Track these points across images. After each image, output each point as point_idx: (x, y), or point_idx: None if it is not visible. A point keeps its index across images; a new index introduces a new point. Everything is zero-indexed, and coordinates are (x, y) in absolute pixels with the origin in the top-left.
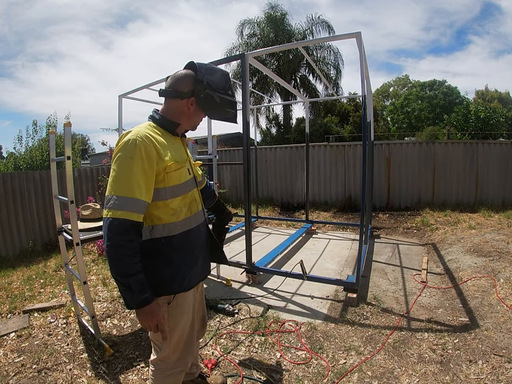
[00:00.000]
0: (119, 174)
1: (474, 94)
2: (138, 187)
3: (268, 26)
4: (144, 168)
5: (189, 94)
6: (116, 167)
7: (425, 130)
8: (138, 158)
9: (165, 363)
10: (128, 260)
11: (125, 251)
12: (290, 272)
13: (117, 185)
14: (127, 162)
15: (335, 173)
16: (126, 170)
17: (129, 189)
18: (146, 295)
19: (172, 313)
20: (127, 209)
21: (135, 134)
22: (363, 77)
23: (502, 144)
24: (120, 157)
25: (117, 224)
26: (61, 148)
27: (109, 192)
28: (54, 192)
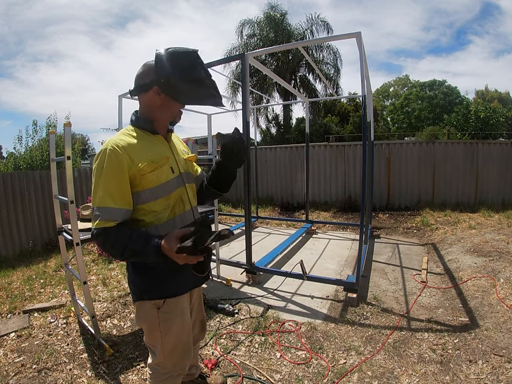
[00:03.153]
0: (95, 185)
1: (474, 94)
2: (111, 196)
3: (268, 26)
4: (115, 175)
5: (151, 84)
6: (93, 179)
7: (425, 130)
8: (108, 166)
9: (162, 367)
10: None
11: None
12: (290, 272)
13: (94, 196)
14: (100, 173)
15: (335, 173)
16: (100, 181)
17: (103, 199)
18: (152, 242)
19: (163, 318)
20: (103, 219)
21: (107, 143)
22: (363, 77)
23: (502, 144)
24: (95, 169)
25: (99, 233)
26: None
27: (92, 203)
28: (54, 192)
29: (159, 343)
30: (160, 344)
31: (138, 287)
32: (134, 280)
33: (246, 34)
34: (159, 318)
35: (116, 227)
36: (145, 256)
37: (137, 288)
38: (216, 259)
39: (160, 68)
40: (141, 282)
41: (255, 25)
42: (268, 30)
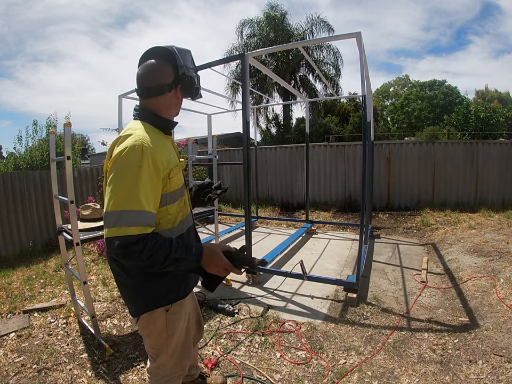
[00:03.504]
0: (124, 185)
1: (474, 94)
2: (148, 198)
3: (268, 26)
4: (151, 176)
5: (175, 83)
6: (119, 177)
7: (425, 130)
8: (145, 166)
9: (162, 370)
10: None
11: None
12: (290, 272)
13: (125, 198)
14: (134, 172)
15: (335, 173)
16: (133, 181)
17: (138, 201)
18: (194, 249)
19: (171, 320)
20: (141, 224)
21: (140, 139)
22: (363, 77)
23: (502, 144)
24: (125, 165)
25: (138, 239)
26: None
27: (113, 207)
28: (54, 192)
29: (165, 345)
30: (166, 346)
31: (152, 295)
32: (144, 289)
33: (246, 34)
34: (167, 320)
35: (152, 233)
36: (185, 265)
37: (150, 297)
38: None
39: (181, 68)
40: (157, 288)
41: (255, 25)
42: (267, 30)
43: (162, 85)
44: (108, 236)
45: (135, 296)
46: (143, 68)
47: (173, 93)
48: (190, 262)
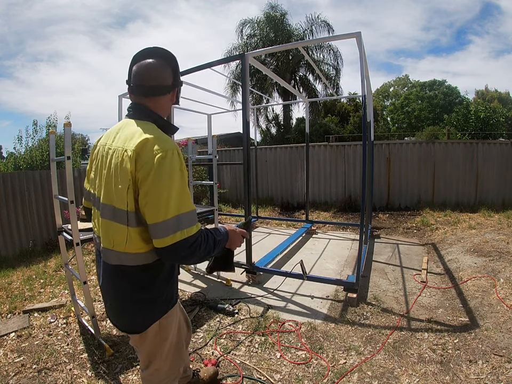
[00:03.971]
0: (175, 190)
1: (474, 94)
2: (191, 198)
3: (268, 26)
4: (186, 178)
5: (174, 85)
6: (168, 184)
7: (425, 130)
8: (183, 169)
9: (157, 375)
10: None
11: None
12: (290, 272)
13: (179, 202)
14: (179, 176)
15: (335, 173)
16: (181, 184)
17: (189, 202)
18: (222, 230)
19: (164, 324)
20: (196, 222)
21: (171, 142)
22: (363, 77)
23: (502, 144)
24: (171, 170)
25: (198, 235)
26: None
27: (170, 213)
28: (54, 192)
29: (158, 350)
30: (160, 351)
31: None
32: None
33: (246, 34)
34: (160, 325)
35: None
36: (222, 244)
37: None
38: None
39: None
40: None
41: (255, 25)
42: (267, 30)
43: (165, 86)
44: (172, 243)
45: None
46: (146, 65)
47: (171, 95)
48: (225, 240)
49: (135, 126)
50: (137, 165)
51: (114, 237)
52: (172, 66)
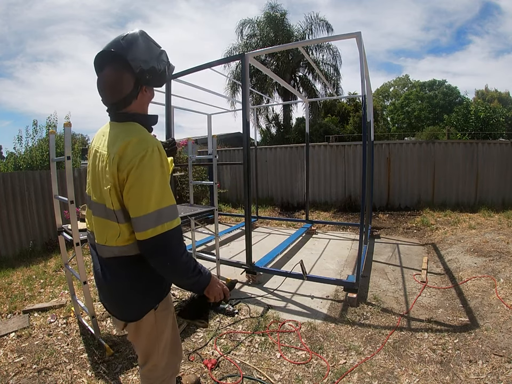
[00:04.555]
0: (156, 186)
1: (474, 94)
2: (172, 193)
3: (268, 26)
4: (168, 174)
5: (137, 87)
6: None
7: (425, 130)
8: (165, 165)
9: (155, 371)
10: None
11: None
12: (290, 272)
13: (159, 197)
14: (160, 172)
15: (335, 173)
16: (161, 180)
17: (170, 196)
18: (206, 269)
19: (159, 317)
20: (177, 216)
21: (153, 141)
22: (363, 77)
23: (502, 144)
24: (151, 167)
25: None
26: (61, 148)
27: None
28: (54, 192)
29: (155, 345)
30: (156, 346)
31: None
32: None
33: (246, 34)
34: (156, 319)
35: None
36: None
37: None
38: (216, 259)
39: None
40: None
41: (255, 25)
42: (268, 30)
43: (130, 94)
44: (152, 236)
45: (137, 298)
46: (103, 83)
47: (140, 94)
48: (204, 280)
49: (117, 129)
50: (120, 167)
51: (108, 234)
52: (126, 68)
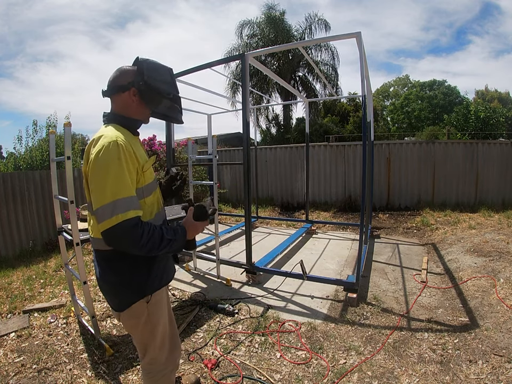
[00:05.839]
0: (111, 177)
1: (474, 94)
2: (131, 185)
3: (268, 26)
4: (129, 167)
5: (129, 85)
6: (104, 173)
7: (425, 130)
8: (123, 158)
9: (155, 365)
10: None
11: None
12: (290, 272)
13: (115, 189)
14: (116, 164)
15: (335, 173)
16: (117, 172)
17: (127, 189)
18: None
19: (152, 310)
20: (133, 208)
21: (113, 136)
22: (363, 77)
23: (502, 144)
24: (106, 160)
25: (135, 223)
26: (61, 148)
27: (107, 199)
28: (54, 192)
29: (151, 337)
30: (152, 338)
31: (135, 287)
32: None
33: (246, 34)
34: (148, 311)
35: (144, 221)
36: (176, 245)
37: (132, 287)
38: (216, 259)
39: (141, 73)
40: (139, 279)
41: (255, 25)
42: (267, 31)
43: (120, 85)
44: (109, 227)
45: (119, 290)
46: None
47: (126, 94)
48: (180, 241)
49: (98, 132)
50: (87, 163)
51: (91, 226)
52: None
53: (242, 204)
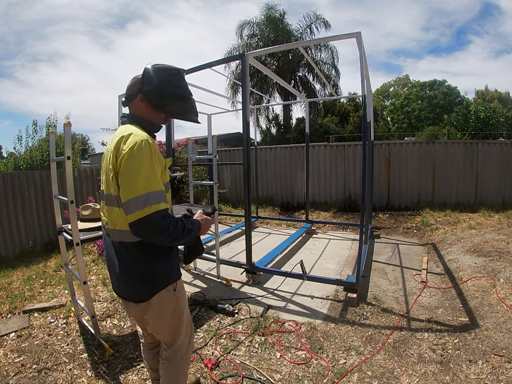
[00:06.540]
0: (145, 172)
1: (474, 94)
2: (160, 181)
3: (268, 26)
4: (157, 165)
5: (137, 92)
6: (138, 167)
7: (425, 130)
8: (154, 156)
9: (180, 351)
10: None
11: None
12: (290, 272)
13: (147, 183)
14: (148, 161)
15: (335, 173)
16: (150, 168)
17: (158, 183)
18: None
19: (178, 297)
20: (163, 201)
21: (144, 135)
22: (363, 77)
23: (502, 144)
24: (139, 156)
25: (164, 214)
26: (61, 148)
27: (139, 191)
28: (54, 192)
29: (180, 324)
30: (181, 325)
31: (161, 275)
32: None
33: (246, 35)
34: (176, 298)
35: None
36: (192, 235)
37: (160, 277)
38: (216, 259)
39: (145, 79)
40: (162, 269)
41: (255, 25)
42: (267, 31)
43: (132, 94)
44: (141, 217)
45: (144, 280)
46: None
47: (138, 99)
48: (196, 232)
49: (120, 130)
50: (117, 158)
51: (114, 218)
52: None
53: (242, 204)
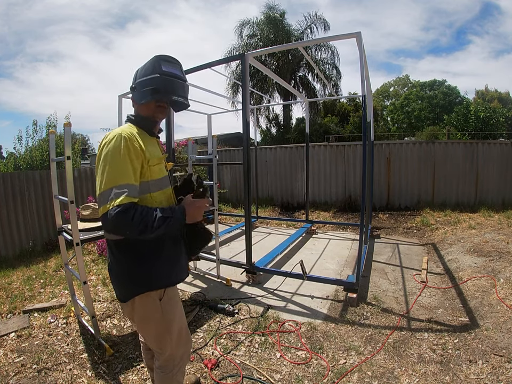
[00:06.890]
0: (113, 166)
1: (474, 94)
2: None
3: (267, 27)
4: (131, 157)
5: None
6: (106, 162)
7: (425, 130)
8: (125, 149)
9: (172, 361)
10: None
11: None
12: (290, 272)
13: (112, 176)
14: (117, 154)
15: (335, 173)
16: (120, 161)
17: (126, 176)
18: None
19: (166, 307)
20: (127, 195)
21: (120, 130)
22: (363, 77)
23: (502, 144)
24: (110, 151)
25: (127, 207)
26: (61, 148)
27: (106, 186)
28: (54, 192)
29: (166, 334)
30: (168, 335)
31: (140, 279)
32: (133, 272)
33: (246, 35)
34: (161, 308)
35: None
36: (173, 223)
37: (137, 280)
38: (216, 259)
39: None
40: (145, 272)
41: (255, 26)
42: (267, 31)
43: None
44: (104, 212)
45: (124, 280)
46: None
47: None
48: (178, 219)
49: None
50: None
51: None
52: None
53: (242, 204)
